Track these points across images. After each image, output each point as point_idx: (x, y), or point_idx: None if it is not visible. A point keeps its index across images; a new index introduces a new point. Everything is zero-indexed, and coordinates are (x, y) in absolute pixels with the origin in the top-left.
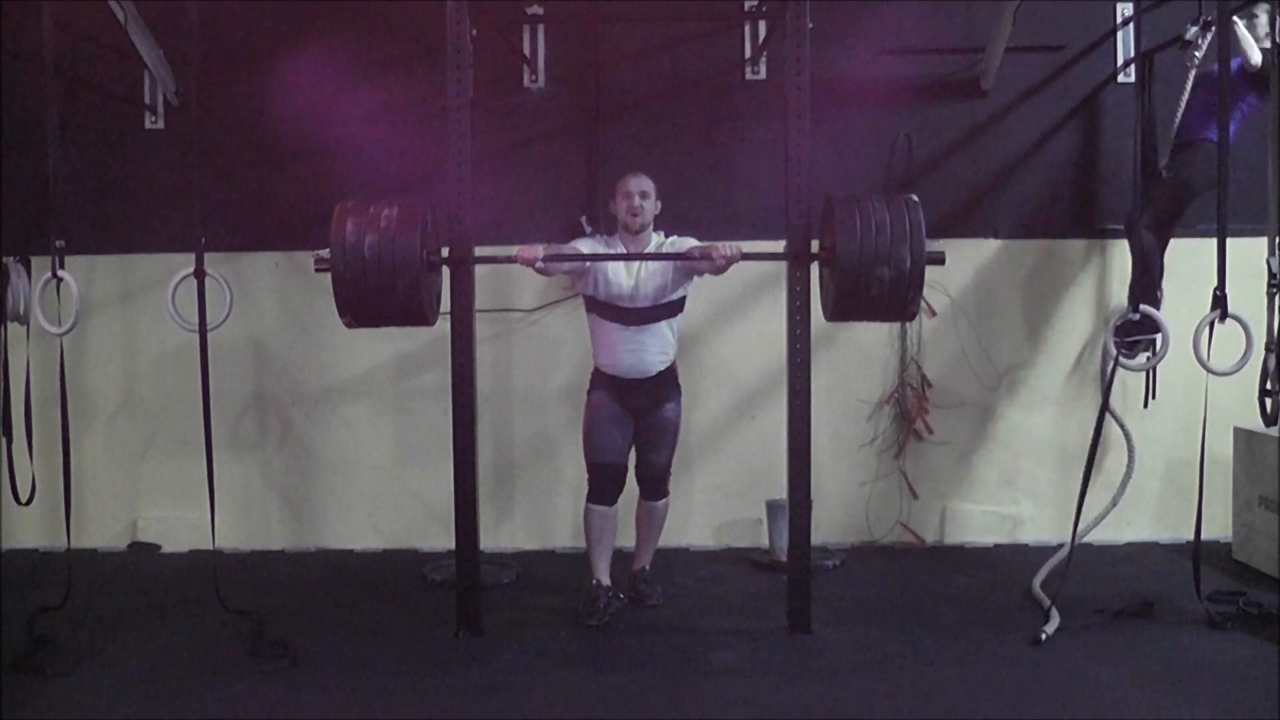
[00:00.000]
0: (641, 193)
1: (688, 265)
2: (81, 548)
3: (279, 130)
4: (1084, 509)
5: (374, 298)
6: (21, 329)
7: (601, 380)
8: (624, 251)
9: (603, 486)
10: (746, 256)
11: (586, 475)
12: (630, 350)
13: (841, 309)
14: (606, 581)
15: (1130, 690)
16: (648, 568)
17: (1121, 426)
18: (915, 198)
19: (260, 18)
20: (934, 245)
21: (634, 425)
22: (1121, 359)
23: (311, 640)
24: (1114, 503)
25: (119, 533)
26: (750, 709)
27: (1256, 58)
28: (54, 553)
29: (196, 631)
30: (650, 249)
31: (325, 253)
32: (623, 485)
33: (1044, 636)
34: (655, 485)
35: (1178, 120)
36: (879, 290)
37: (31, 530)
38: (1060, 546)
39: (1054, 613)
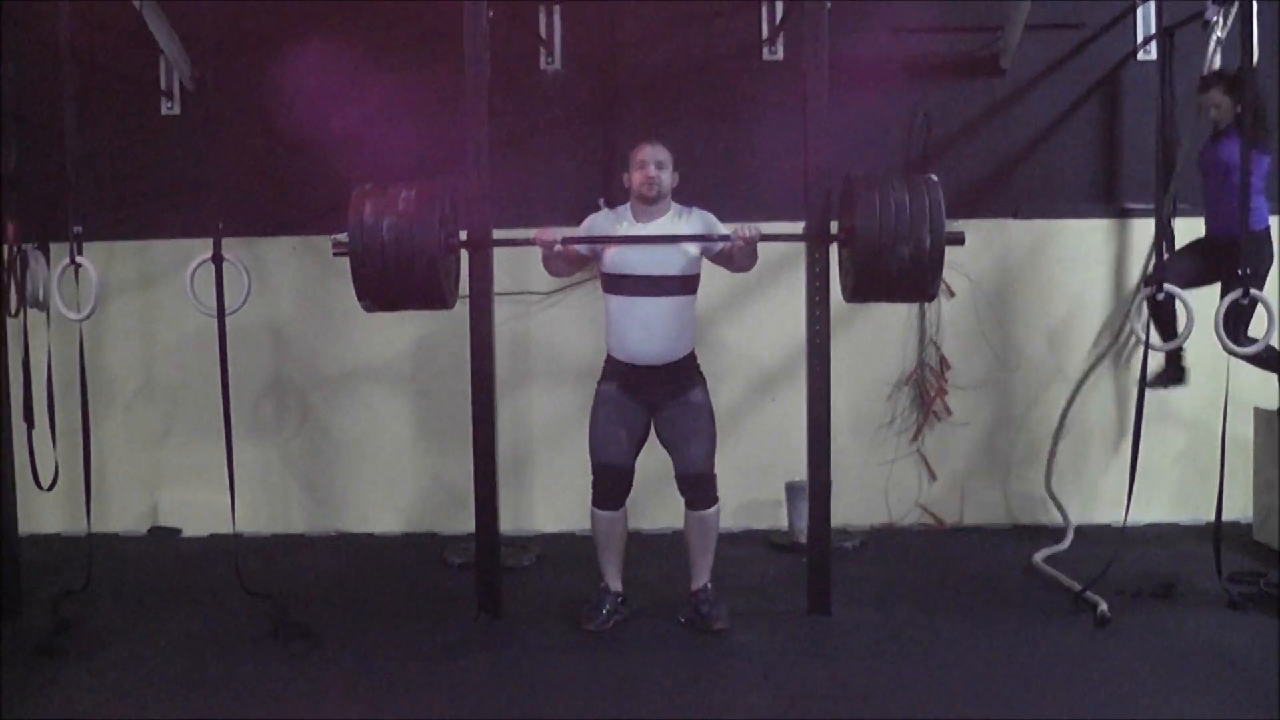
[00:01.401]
0: (658, 162)
1: (721, 253)
2: (102, 532)
3: (295, 115)
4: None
5: (393, 280)
6: (41, 315)
7: (613, 369)
8: (636, 223)
9: (605, 489)
10: (766, 237)
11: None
12: (644, 328)
13: (861, 290)
14: (615, 587)
15: (1150, 671)
16: (709, 585)
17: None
18: (935, 177)
19: (276, 2)
20: (954, 225)
21: (650, 421)
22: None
23: (332, 623)
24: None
25: (140, 517)
26: (770, 690)
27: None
28: (75, 537)
29: (218, 615)
30: (667, 221)
31: (343, 236)
32: (628, 489)
33: (1108, 616)
34: (699, 488)
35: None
36: (898, 271)
37: (53, 515)
38: (1080, 529)
39: (1100, 600)
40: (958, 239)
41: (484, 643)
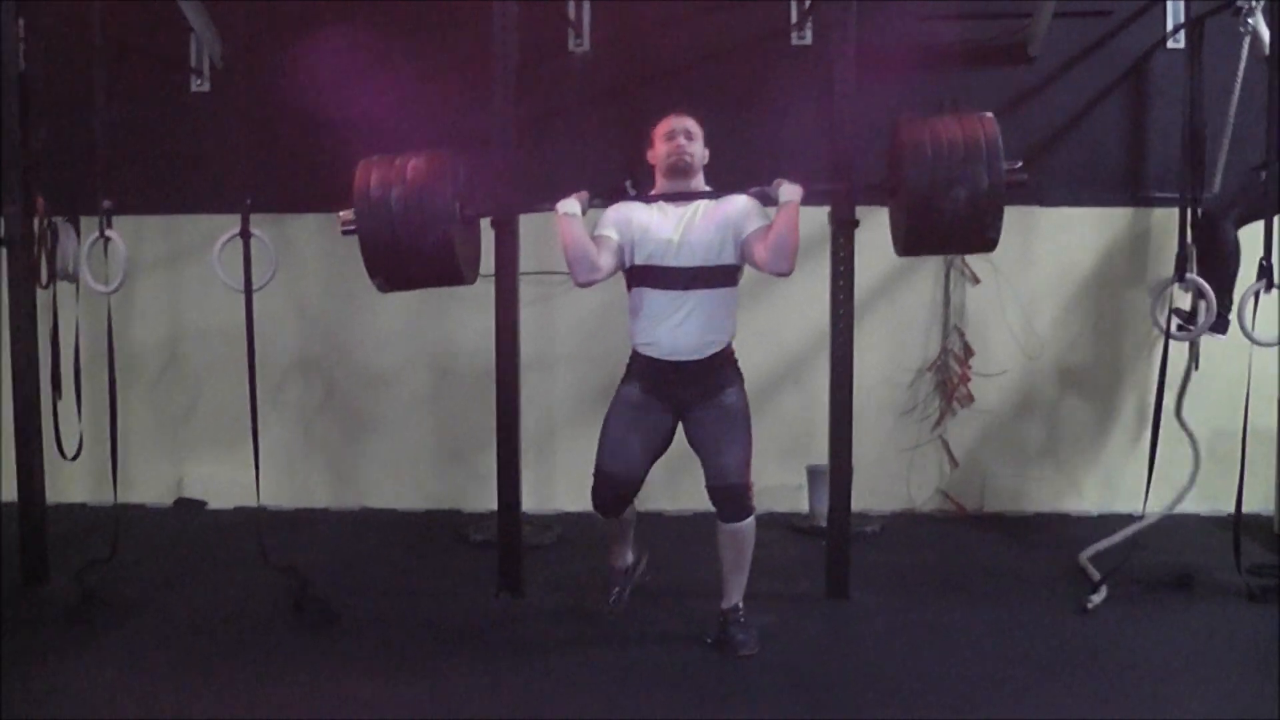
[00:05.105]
0: (686, 131)
1: (752, 239)
2: (129, 503)
3: (324, 93)
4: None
5: (403, 255)
6: (71, 287)
7: (638, 366)
8: (668, 207)
9: (604, 500)
10: (807, 200)
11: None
12: (674, 321)
13: (914, 239)
14: (624, 563)
15: (1168, 661)
16: (740, 605)
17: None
18: (990, 114)
19: None
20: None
21: (673, 429)
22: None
23: (353, 598)
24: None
25: (165, 489)
26: (787, 674)
27: None
28: (102, 508)
29: (241, 587)
30: (703, 203)
31: (349, 213)
32: (628, 503)
33: (1090, 605)
34: (732, 501)
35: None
36: (954, 215)
37: (80, 485)
38: (1100, 517)
39: (1103, 587)
40: (1019, 178)
41: (503, 621)
